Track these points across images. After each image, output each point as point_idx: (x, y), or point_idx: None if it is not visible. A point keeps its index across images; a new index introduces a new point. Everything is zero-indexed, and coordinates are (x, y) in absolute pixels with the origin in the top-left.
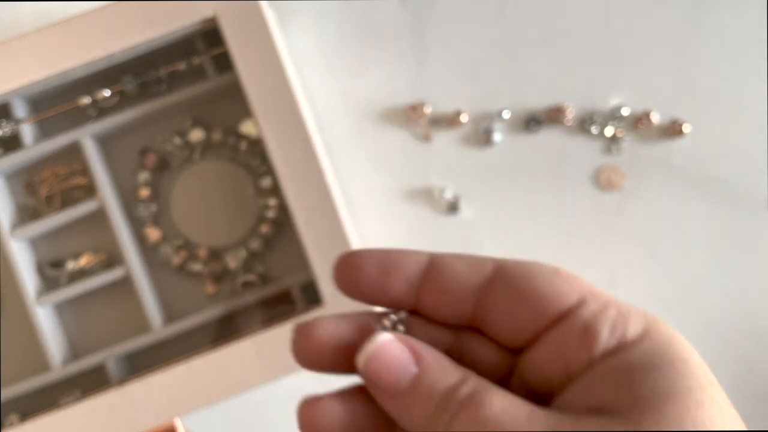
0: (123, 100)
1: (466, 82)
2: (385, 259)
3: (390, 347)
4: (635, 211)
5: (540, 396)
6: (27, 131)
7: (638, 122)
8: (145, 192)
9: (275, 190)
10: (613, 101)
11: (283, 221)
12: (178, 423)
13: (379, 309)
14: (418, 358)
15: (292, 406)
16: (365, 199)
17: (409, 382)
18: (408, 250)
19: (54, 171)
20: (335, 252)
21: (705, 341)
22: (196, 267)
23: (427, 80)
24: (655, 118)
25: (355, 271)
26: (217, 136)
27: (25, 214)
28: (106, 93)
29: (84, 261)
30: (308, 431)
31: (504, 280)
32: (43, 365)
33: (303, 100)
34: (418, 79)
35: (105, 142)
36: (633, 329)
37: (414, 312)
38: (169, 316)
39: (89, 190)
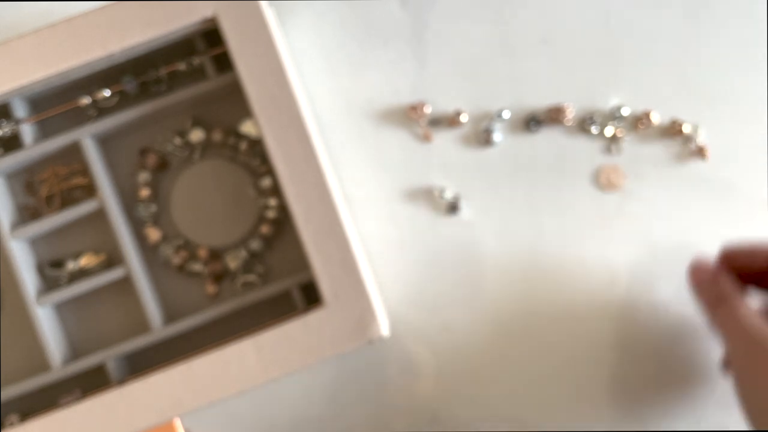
0: (123, 100)
1: (466, 82)
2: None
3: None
4: (635, 211)
5: None
6: (27, 131)
7: (638, 122)
8: (145, 192)
9: (275, 190)
10: (613, 101)
11: (283, 221)
12: (178, 423)
13: None
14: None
15: (293, 405)
16: (365, 199)
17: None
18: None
19: (54, 171)
20: (335, 252)
21: (703, 338)
22: (196, 267)
23: (427, 80)
24: (655, 118)
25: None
26: (217, 136)
27: (25, 214)
28: (106, 93)
29: (84, 261)
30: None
31: None
32: (43, 365)
33: (303, 100)
34: (418, 79)
35: (105, 142)
36: None
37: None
38: (169, 316)
39: (89, 190)
